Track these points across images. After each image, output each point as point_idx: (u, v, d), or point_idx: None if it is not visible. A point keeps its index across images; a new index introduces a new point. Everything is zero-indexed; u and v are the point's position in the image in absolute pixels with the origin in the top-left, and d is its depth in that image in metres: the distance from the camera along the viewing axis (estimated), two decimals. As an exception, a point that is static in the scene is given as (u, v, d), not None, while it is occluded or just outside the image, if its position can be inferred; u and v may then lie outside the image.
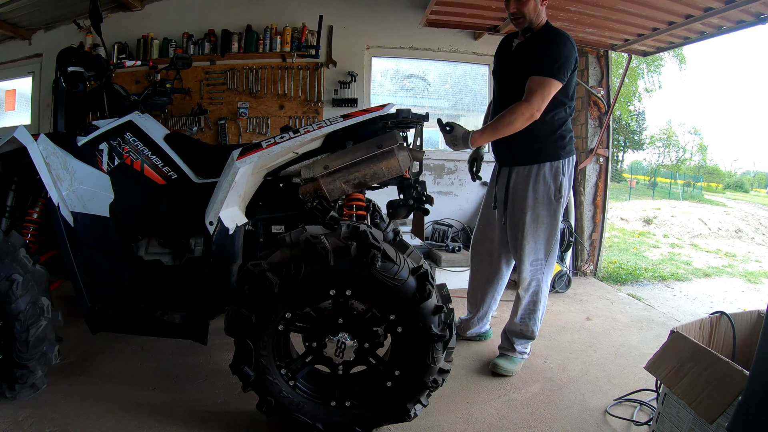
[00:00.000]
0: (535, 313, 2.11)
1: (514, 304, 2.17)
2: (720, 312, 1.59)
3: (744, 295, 4.07)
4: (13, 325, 1.53)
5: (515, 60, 2.00)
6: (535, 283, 2.08)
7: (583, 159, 3.87)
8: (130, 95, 2.08)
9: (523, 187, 2.01)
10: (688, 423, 1.34)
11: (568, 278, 3.48)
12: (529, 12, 1.90)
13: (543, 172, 1.98)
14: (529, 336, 2.13)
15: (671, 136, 28.34)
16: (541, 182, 1.98)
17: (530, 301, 2.10)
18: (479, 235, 2.31)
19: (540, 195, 1.98)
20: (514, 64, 1.98)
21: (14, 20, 3.78)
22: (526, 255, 2.04)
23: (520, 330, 2.13)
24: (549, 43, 1.87)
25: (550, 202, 1.99)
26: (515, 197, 2.05)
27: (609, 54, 3.83)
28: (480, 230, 2.30)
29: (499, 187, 2.12)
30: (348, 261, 1.36)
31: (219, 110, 3.83)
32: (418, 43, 3.97)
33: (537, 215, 2.00)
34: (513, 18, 1.96)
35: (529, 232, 2.01)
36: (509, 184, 2.06)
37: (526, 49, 1.96)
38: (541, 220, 2.01)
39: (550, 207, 2.00)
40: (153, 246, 1.96)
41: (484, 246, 2.28)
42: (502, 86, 2.10)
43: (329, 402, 1.53)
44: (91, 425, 1.60)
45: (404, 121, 1.70)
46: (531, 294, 2.09)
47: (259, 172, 1.78)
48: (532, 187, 1.99)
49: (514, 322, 2.15)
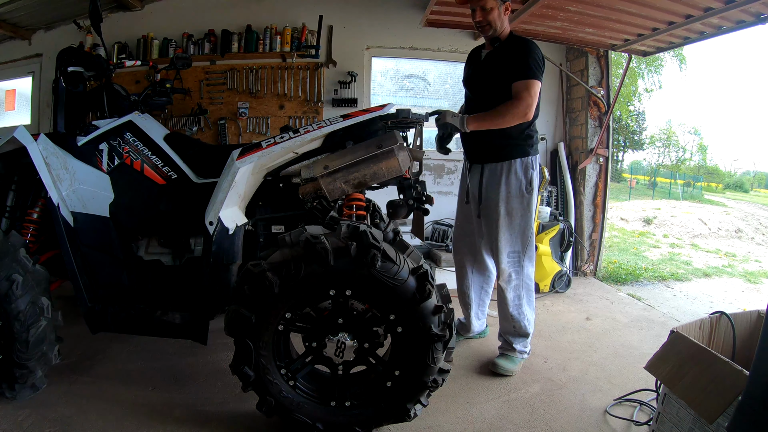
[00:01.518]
0: (522, 308, 2.15)
1: (500, 301, 2.20)
2: (720, 312, 1.59)
3: (744, 295, 4.07)
4: (13, 325, 1.53)
5: (486, 68, 2.11)
6: (516, 277, 2.14)
7: (583, 159, 3.87)
8: (130, 95, 2.08)
9: (496, 182, 2.10)
10: (688, 423, 1.34)
11: (568, 278, 3.48)
12: (494, 20, 2.01)
13: (514, 168, 2.08)
14: (523, 332, 2.16)
15: (671, 136, 28.32)
16: (513, 177, 2.08)
17: (515, 296, 2.15)
18: (459, 231, 2.38)
19: (512, 189, 2.08)
20: (486, 72, 2.10)
21: (14, 20, 3.78)
22: (502, 247, 2.11)
23: (513, 327, 2.16)
24: (521, 50, 1.98)
25: (522, 195, 2.09)
26: (488, 192, 2.13)
27: (609, 54, 3.83)
28: (459, 226, 2.38)
29: (472, 183, 2.21)
30: (348, 261, 1.36)
31: (219, 110, 3.82)
32: (418, 43, 3.97)
33: (511, 208, 2.09)
34: (479, 26, 2.07)
35: (503, 225, 2.09)
36: (482, 180, 2.15)
37: (496, 58, 2.06)
38: (515, 213, 2.09)
39: (523, 200, 2.09)
40: (153, 246, 1.96)
41: (465, 240, 2.33)
42: (475, 94, 2.22)
43: (329, 402, 1.53)
44: (91, 425, 1.60)
45: (404, 121, 1.71)
46: (513, 288, 2.15)
47: (259, 172, 1.78)
48: (505, 181, 2.08)
49: (505, 320, 2.19)
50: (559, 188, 4.00)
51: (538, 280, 3.42)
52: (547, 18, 3.04)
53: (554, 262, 3.46)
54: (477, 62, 2.19)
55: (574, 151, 4.05)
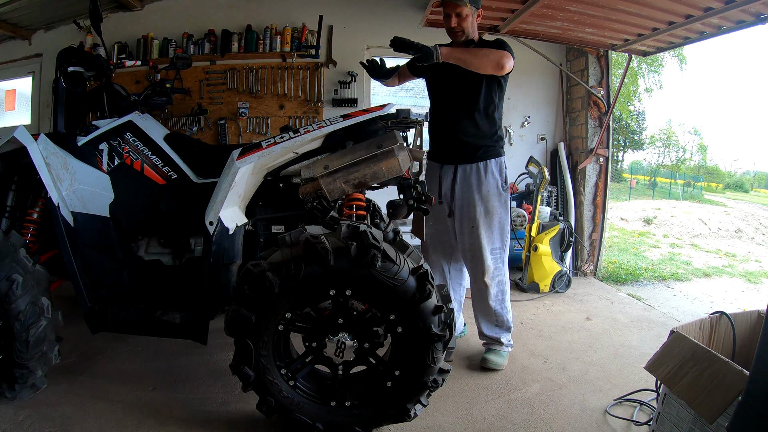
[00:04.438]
0: (504, 302, 2.22)
1: (480, 296, 2.22)
2: (720, 312, 1.59)
3: (744, 295, 4.07)
4: (13, 325, 1.53)
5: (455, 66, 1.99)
6: (497, 272, 2.18)
7: (583, 159, 3.87)
8: (130, 95, 2.08)
9: (472, 183, 2.14)
10: (688, 423, 1.34)
11: (568, 278, 3.48)
12: (467, 27, 2.07)
13: (490, 168, 2.14)
14: (506, 327, 2.22)
15: (671, 136, 28.32)
16: (490, 176, 2.14)
17: (498, 291, 2.19)
18: (432, 230, 2.31)
19: (491, 188, 2.14)
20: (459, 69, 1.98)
21: (14, 20, 3.78)
22: (484, 245, 2.14)
23: (495, 321, 2.21)
24: (494, 42, 2.05)
25: (499, 193, 2.15)
26: (464, 192, 2.16)
27: (609, 54, 3.83)
28: (431, 226, 2.31)
29: (444, 184, 2.22)
30: (348, 261, 1.36)
31: (219, 110, 3.83)
32: (418, 43, 3.97)
33: (491, 206, 2.14)
34: (452, 32, 2.10)
35: (482, 223, 2.14)
36: (456, 180, 2.17)
37: None
38: (494, 211, 2.14)
39: (500, 198, 2.16)
40: (153, 246, 1.96)
41: (439, 239, 2.31)
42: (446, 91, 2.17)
43: (329, 402, 1.53)
44: (91, 425, 1.60)
45: (404, 121, 1.71)
46: (497, 284, 2.19)
47: (259, 172, 1.78)
48: (484, 181, 2.13)
49: (487, 316, 2.22)
50: (559, 188, 4.00)
51: (538, 280, 3.43)
52: (547, 18, 3.04)
53: (554, 262, 3.46)
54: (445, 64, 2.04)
55: (574, 151, 4.05)
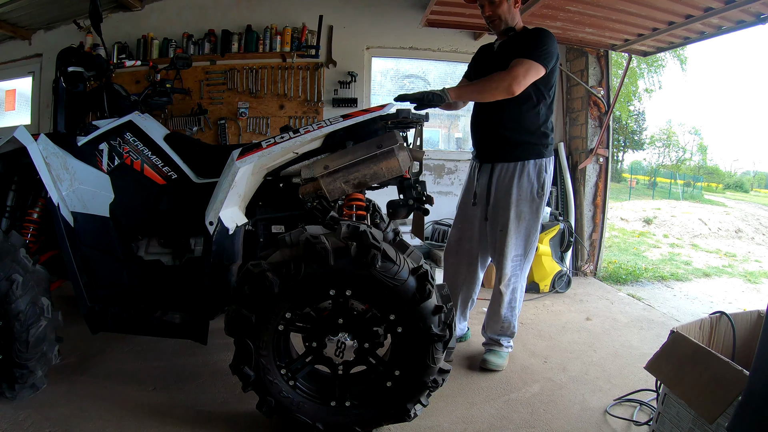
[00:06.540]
0: (515, 310, 2.16)
1: (494, 301, 2.17)
2: (720, 312, 1.59)
3: (744, 295, 4.07)
4: (13, 325, 1.53)
5: (499, 57, 2.00)
6: (515, 279, 2.11)
7: (583, 159, 3.87)
8: (130, 95, 2.08)
9: (507, 184, 2.03)
10: (688, 423, 1.34)
11: (568, 278, 3.48)
12: (503, 13, 1.97)
13: (527, 170, 2.01)
14: (512, 333, 2.18)
15: (671, 136, 28.30)
16: (525, 179, 2.01)
17: (511, 299, 2.13)
18: (458, 234, 2.26)
19: (523, 192, 2.01)
20: (499, 62, 1.97)
21: (14, 20, 3.78)
22: (508, 251, 2.05)
23: (501, 328, 2.16)
24: (534, 36, 1.93)
25: (533, 199, 2.02)
26: (498, 194, 2.06)
27: (609, 54, 3.83)
28: (459, 229, 2.25)
29: (480, 184, 2.13)
30: (348, 261, 1.36)
31: (219, 110, 3.83)
32: (418, 43, 3.97)
33: (520, 212, 2.03)
34: (489, 21, 2.02)
35: (512, 229, 2.03)
36: (491, 181, 2.08)
37: (510, 46, 1.99)
38: (523, 217, 2.03)
39: (533, 204, 2.02)
40: (153, 246, 1.96)
41: (463, 246, 2.23)
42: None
43: (329, 402, 1.52)
44: (91, 425, 1.60)
45: (404, 121, 1.70)
46: (511, 291, 2.13)
47: (259, 172, 1.77)
48: (516, 183, 2.01)
49: (496, 320, 2.17)
50: (559, 188, 4.00)
51: (538, 280, 3.43)
52: (547, 18, 3.04)
53: (554, 262, 3.46)
54: (489, 54, 2.12)
55: (574, 151, 4.05)
